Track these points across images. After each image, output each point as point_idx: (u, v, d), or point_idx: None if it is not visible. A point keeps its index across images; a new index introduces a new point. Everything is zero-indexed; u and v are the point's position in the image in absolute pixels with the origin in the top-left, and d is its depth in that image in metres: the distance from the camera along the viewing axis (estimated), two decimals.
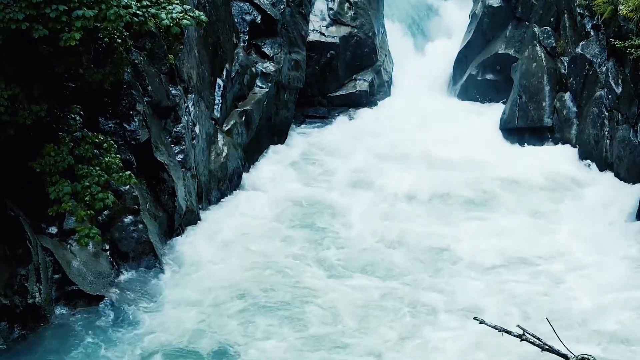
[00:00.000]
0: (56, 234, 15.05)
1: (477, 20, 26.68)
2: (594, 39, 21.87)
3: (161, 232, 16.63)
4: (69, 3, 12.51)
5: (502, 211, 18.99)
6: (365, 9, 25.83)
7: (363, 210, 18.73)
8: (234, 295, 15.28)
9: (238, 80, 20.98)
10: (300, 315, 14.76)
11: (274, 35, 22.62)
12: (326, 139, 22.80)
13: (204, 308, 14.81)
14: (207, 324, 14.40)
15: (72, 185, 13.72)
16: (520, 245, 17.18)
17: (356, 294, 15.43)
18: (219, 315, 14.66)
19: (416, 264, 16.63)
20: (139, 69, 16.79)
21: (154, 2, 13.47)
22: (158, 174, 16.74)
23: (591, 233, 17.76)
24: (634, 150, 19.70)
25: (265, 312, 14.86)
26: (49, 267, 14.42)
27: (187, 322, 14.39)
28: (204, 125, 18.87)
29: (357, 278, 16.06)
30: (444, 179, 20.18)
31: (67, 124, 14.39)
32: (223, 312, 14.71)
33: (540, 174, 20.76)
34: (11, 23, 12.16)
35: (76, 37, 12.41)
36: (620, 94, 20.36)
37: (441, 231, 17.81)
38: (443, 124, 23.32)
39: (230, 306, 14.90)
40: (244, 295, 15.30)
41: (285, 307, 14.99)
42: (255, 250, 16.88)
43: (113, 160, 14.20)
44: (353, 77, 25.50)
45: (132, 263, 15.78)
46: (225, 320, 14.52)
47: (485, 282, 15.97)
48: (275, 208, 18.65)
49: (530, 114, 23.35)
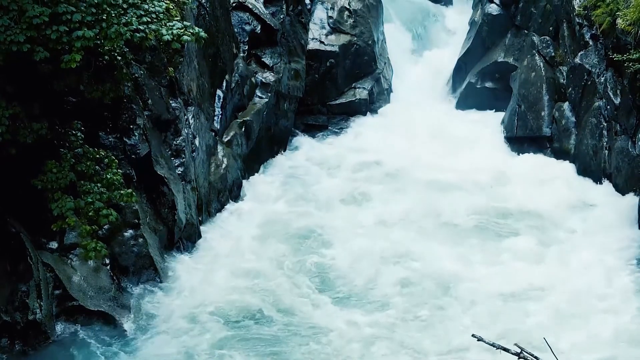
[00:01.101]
0: (57, 249, 15.11)
1: (476, 27, 26.75)
2: (593, 49, 21.93)
3: (161, 245, 16.71)
4: (69, 24, 12.61)
5: (503, 233, 18.68)
6: (365, 17, 25.89)
7: (354, 232, 18.41)
8: (224, 321, 15.15)
9: (238, 90, 21.06)
10: (286, 349, 14.58)
11: (273, 44, 22.69)
12: (323, 152, 22.72)
13: (194, 334, 14.79)
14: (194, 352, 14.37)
15: (75, 201, 13.89)
16: (520, 275, 16.83)
17: (349, 328, 15.10)
18: (208, 344, 14.56)
19: (411, 296, 16.12)
20: (139, 83, 16.87)
21: (155, 19, 13.55)
22: (158, 187, 16.82)
23: (596, 260, 17.35)
24: (632, 161, 19.76)
25: (249, 345, 14.65)
26: (49, 282, 14.50)
27: (176, 346, 14.42)
28: (203, 137, 18.95)
29: (348, 310, 15.71)
30: (439, 200, 19.82)
31: (68, 140, 14.50)
32: (212, 341, 14.63)
33: (538, 188, 20.68)
34: (12, 45, 12.26)
35: (77, 59, 12.52)
36: (618, 105, 20.42)
37: (437, 256, 17.44)
38: (441, 136, 23.27)
39: (219, 334, 14.82)
40: (235, 322, 15.18)
41: (271, 341, 14.79)
42: (248, 271, 16.66)
43: (115, 177, 14.31)
44: (353, 85, 25.56)
45: (133, 277, 15.86)
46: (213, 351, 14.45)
47: (488, 311, 15.68)
48: (268, 227, 18.37)
49: (529, 124, 23.42)
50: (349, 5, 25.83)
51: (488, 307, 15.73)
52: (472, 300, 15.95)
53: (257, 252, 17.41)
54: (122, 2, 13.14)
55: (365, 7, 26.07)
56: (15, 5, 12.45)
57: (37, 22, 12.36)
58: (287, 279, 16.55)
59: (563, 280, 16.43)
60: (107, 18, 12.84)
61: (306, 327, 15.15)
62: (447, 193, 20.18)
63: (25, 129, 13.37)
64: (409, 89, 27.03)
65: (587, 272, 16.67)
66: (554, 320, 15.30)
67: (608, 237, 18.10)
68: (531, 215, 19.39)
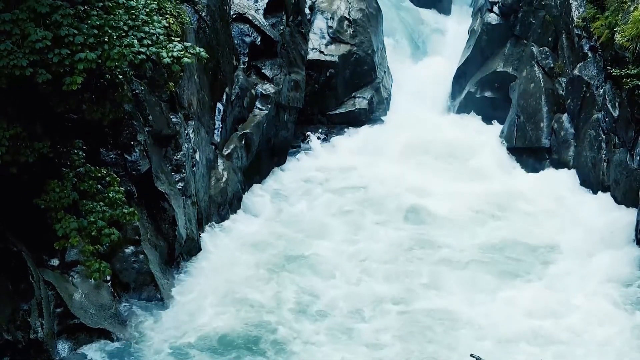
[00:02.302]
0: (58, 266, 15.19)
1: (475, 36, 26.80)
2: (592, 61, 21.99)
3: (162, 261, 16.78)
4: (71, 46, 12.67)
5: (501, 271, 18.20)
6: (365, 27, 25.95)
7: (348, 261, 18.15)
8: (221, 347, 15.16)
9: (238, 103, 21.12)
10: None
11: (273, 56, 22.75)
12: (321, 166, 22.68)
13: (194, 353, 14.88)
14: None
15: (79, 221, 13.95)
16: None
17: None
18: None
19: (403, 338, 15.69)
20: (140, 99, 16.93)
21: (155, 41, 13.60)
22: (159, 203, 16.89)
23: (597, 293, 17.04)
24: (630, 174, 19.81)
25: None
26: (51, 301, 14.57)
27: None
28: (204, 151, 19.02)
29: (342, 346, 15.44)
30: (434, 231, 19.45)
31: (70, 159, 14.56)
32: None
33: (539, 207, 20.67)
34: (15, 69, 12.32)
35: (78, 82, 12.59)
36: (617, 117, 20.48)
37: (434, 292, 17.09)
38: (439, 151, 23.18)
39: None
40: (228, 348, 15.16)
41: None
42: (239, 299, 16.53)
43: (117, 196, 14.39)
44: (352, 95, 25.64)
45: (133, 294, 15.94)
46: None
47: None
48: (262, 249, 18.31)
49: (528, 135, 23.49)
50: (348, 14, 25.89)
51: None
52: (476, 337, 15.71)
53: (252, 279, 17.18)
54: (124, 25, 13.19)
55: (364, 17, 26.13)
56: (18, 29, 12.50)
57: (40, 46, 12.42)
58: (278, 306, 16.39)
59: (561, 314, 16.25)
60: (109, 40, 12.90)
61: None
62: (442, 225, 19.81)
63: (27, 148, 13.42)
64: (408, 97, 27.09)
65: (586, 301, 16.56)
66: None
67: (605, 256, 18.10)
68: (530, 242, 19.19)
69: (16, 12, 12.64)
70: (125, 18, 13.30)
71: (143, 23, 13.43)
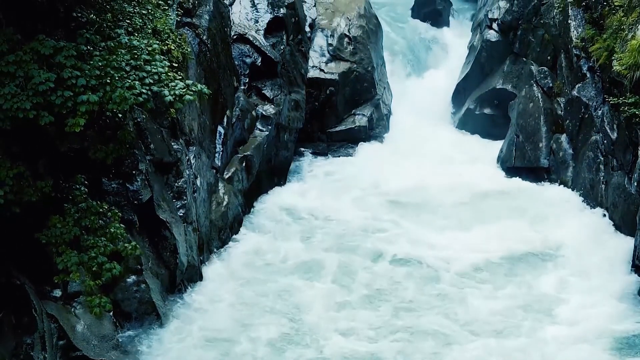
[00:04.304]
0: (60, 297, 15.30)
1: (475, 52, 26.93)
2: (590, 82, 22.10)
3: (163, 289, 16.92)
4: (74, 88, 12.81)
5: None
6: (365, 44, 26.06)
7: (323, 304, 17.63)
8: None
9: (239, 125, 21.25)
10: None
11: (274, 76, 22.88)
12: (319, 188, 22.63)
13: None
14: None
15: (79, 256, 14.12)
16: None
17: None
18: None
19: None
20: (141, 127, 17.04)
21: (157, 80, 13.72)
22: (160, 231, 17.01)
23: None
24: (628, 198, 19.93)
25: None
26: (53, 333, 14.70)
27: None
28: (205, 176, 19.14)
29: None
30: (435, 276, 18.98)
31: (72, 194, 14.69)
32: None
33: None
34: (19, 112, 12.46)
35: (81, 123, 12.74)
36: (615, 140, 20.60)
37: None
38: (440, 171, 23.25)
39: None
40: None
41: None
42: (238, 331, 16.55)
43: (118, 231, 14.53)
44: (352, 112, 25.75)
45: (135, 323, 16.07)
46: None
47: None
48: (254, 287, 18.09)
49: (527, 154, 23.63)
50: (348, 32, 26.01)
51: None
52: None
53: (244, 321, 17.02)
54: (125, 65, 13.32)
55: (364, 33, 26.24)
56: (21, 71, 12.65)
57: (43, 89, 12.56)
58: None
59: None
60: (111, 81, 13.03)
61: None
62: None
63: (30, 187, 13.56)
64: (408, 113, 27.19)
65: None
66: None
67: (602, 282, 18.22)
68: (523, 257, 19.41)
69: (20, 54, 12.80)
70: (127, 58, 13.42)
71: (145, 62, 13.55)
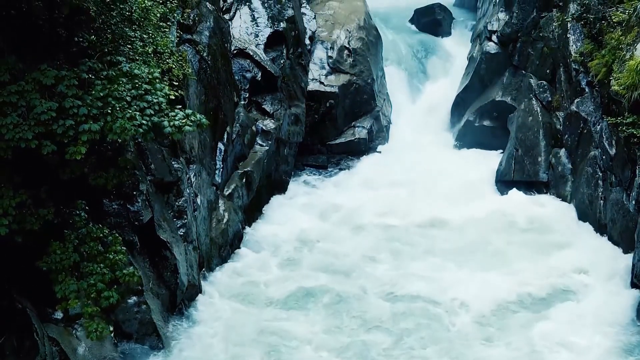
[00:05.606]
0: (62, 319, 15.41)
1: (474, 64, 26.98)
2: (589, 96, 22.16)
3: (163, 309, 17.01)
4: (75, 117, 12.88)
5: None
6: (365, 56, 26.12)
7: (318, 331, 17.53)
8: None
9: (239, 141, 21.31)
10: None
11: (274, 90, 22.94)
12: (317, 202, 22.69)
13: None
14: None
15: (78, 284, 14.14)
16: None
17: None
18: None
19: None
20: (142, 148, 17.13)
21: (157, 110, 13.77)
22: (161, 251, 17.10)
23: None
24: (626, 214, 19.98)
25: None
26: (55, 357, 14.80)
27: None
28: (205, 193, 19.22)
29: None
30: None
31: (72, 219, 14.75)
32: None
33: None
34: (21, 142, 12.53)
35: (82, 152, 12.79)
36: (614, 156, 20.64)
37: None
38: (436, 189, 23.18)
39: None
40: None
41: None
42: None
43: (117, 257, 14.59)
44: (352, 124, 25.85)
45: (136, 343, 16.17)
46: None
47: None
48: (253, 306, 18.17)
49: (526, 168, 23.70)
50: (348, 44, 26.08)
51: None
52: None
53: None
54: (126, 95, 13.38)
55: (364, 45, 26.31)
56: (23, 101, 12.72)
57: (45, 119, 12.63)
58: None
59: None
60: (112, 111, 13.09)
61: None
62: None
63: (32, 216, 13.62)
64: (408, 124, 27.32)
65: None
66: None
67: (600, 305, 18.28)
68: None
69: (22, 84, 12.87)
70: (128, 87, 13.48)
71: (146, 92, 13.61)
